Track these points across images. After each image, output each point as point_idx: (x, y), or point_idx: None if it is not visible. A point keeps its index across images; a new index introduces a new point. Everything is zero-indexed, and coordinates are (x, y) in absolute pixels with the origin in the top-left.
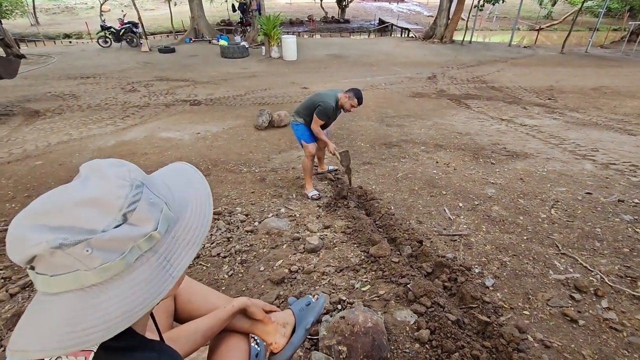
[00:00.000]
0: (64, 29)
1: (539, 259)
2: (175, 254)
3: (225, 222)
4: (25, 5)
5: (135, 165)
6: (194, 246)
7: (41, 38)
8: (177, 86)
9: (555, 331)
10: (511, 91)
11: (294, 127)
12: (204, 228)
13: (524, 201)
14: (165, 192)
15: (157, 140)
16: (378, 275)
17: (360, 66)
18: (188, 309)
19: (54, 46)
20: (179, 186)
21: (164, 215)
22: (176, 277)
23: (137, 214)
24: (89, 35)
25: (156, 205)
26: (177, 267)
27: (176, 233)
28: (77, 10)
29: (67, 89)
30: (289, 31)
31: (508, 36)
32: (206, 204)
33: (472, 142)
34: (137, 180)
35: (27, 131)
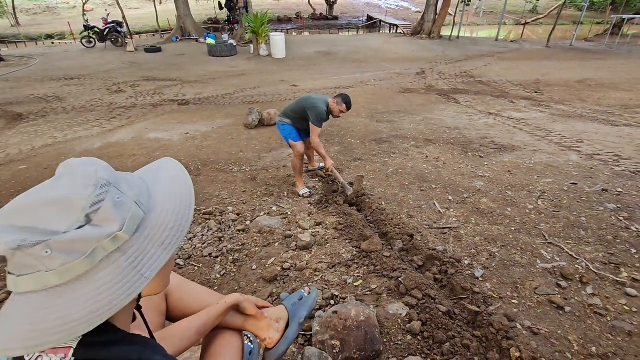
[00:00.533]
0: (45, 30)
1: (527, 249)
2: (148, 253)
3: (217, 221)
4: (5, 5)
5: (106, 163)
6: (169, 246)
7: (22, 39)
8: (165, 86)
9: (543, 318)
10: (498, 85)
11: (280, 127)
12: (182, 227)
13: (512, 193)
14: (139, 190)
15: (145, 141)
16: (370, 270)
17: (349, 63)
18: (180, 308)
19: (36, 47)
20: (160, 184)
21: (133, 215)
22: (149, 277)
23: (100, 214)
24: (72, 36)
25: (123, 205)
26: (150, 267)
27: (150, 232)
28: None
29: (51, 91)
30: (277, 29)
31: (495, 31)
32: (187, 202)
33: (461, 136)
34: (104, 180)
35: (10, 135)
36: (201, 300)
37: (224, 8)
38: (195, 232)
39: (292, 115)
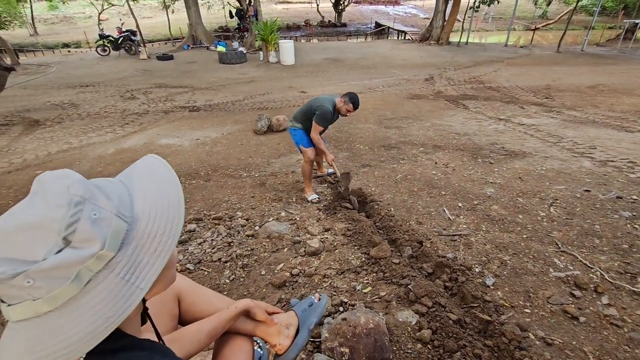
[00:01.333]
0: (62, 39)
1: (539, 257)
2: (141, 264)
3: (226, 227)
4: (24, 15)
5: (80, 175)
6: (162, 252)
7: (40, 48)
8: (176, 93)
9: (557, 328)
10: (508, 91)
11: (291, 132)
12: (174, 230)
13: (523, 200)
14: (119, 200)
15: (156, 146)
16: (379, 277)
17: (357, 69)
18: (191, 312)
19: (53, 56)
20: (144, 187)
21: (114, 229)
22: (145, 288)
23: (78, 235)
24: (87, 44)
25: (102, 221)
26: (145, 278)
27: (139, 242)
28: (75, 19)
29: (67, 98)
30: (286, 36)
31: (504, 36)
32: (175, 203)
33: (470, 142)
34: (77, 196)
35: (27, 141)
36: (212, 305)
37: (235, 16)
38: (204, 237)
39: (302, 118)
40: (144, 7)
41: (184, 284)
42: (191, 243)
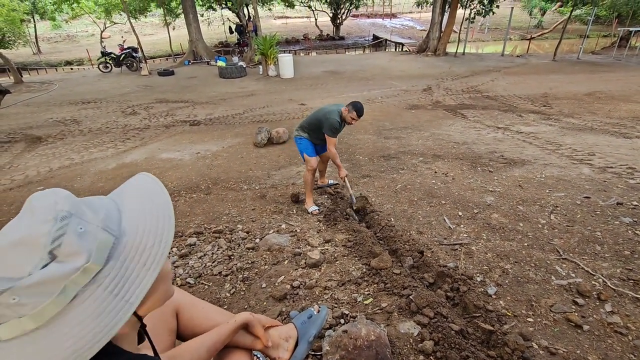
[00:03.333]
0: (65, 57)
1: (541, 265)
2: (130, 278)
3: (227, 240)
4: (27, 35)
5: (68, 192)
6: (152, 265)
7: (43, 66)
8: (177, 107)
9: (560, 337)
10: (506, 100)
11: (297, 140)
12: (164, 244)
13: (523, 208)
14: (106, 214)
15: (157, 161)
16: (380, 288)
17: (356, 81)
18: (190, 327)
19: (56, 73)
20: (133, 202)
21: (100, 243)
22: (135, 303)
23: (64, 248)
24: (89, 62)
25: (88, 235)
26: (134, 292)
27: (128, 255)
28: (77, 38)
29: (69, 115)
30: (286, 50)
31: (500, 46)
32: (165, 216)
33: (469, 151)
34: (63, 212)
35: (29, 157)
36: (212, 319)
37: (234, 32)
38: (205, 251)
39: (308, 128)
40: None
41: (182, 298)
42: (192, 257)
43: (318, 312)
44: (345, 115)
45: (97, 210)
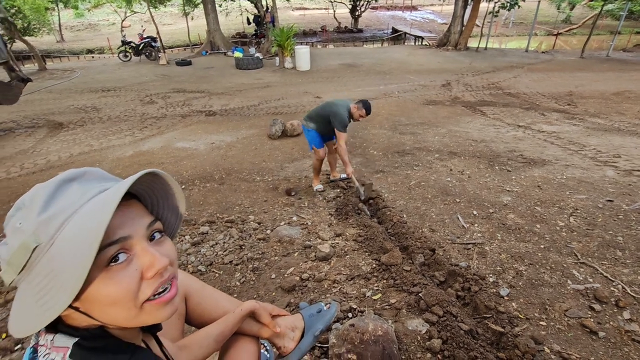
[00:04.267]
0: (87, 45)
1: (557, 268)
2: (54, 287)
3: (238, 230)
4: (52, 23)
5: (57, 179)
6: (69, 284)
7: (66, 54)
8: (193, 97)
9: (574, 343)
10: (528, 97)
11: (305, 131)
12: (79, 272)
13: (541, 209)
14: (52, 216)
15: (173, 150)
16: (389, 284)
17: (373, 75)
18: (198, 311)
19: (78, 61)
20: (89, 212)
21: (22, 245)
22: (52, 314)
23: (6, 234)
24: (110, 50)
25: (19, 233)
26: (54, 302)
27: (51, 267)
28: (99, 26)
29: (89, 102)
30: (303, 42)
31: (525, 42)
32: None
33: (487, 150)
34: (21, 201)
35: (51, 142)
36: (219, 306)
37: (252, 23)
38: (217, 240)
39: (316, 119)
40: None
41: (190, 284)
42: (204, 245)
43: (328, 308)
44: (354, 112)
45: (48, 208)
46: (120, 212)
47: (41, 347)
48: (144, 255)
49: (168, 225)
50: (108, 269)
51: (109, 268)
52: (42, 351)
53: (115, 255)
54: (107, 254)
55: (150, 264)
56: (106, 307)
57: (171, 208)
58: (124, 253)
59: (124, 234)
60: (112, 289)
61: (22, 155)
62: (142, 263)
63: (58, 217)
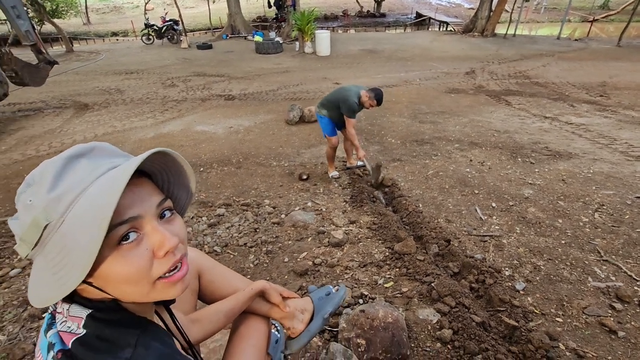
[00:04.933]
0: (112, 28)
1: (577, 264)
2: (67, 263)
3: (254, 213)
4: (79, 5)
5: (65, 155)
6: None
7: (92, 36)
8: (213, 81)
9: (591, 341)
10: (557, 87)
11: (319, 118)
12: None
13: (565, 203)
14: (62, 194)
15: (192, 133)
16: (402, 273)
17: (394, 61)
18: (210, 289)
19: (103, 44)
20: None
21: (34, 221)
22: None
23: (18, 209)
24: (133, 33)
25: (31, 209)
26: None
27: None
28: (124, 9)
29: (113, 84)
30: (323, 26)
31: (557, 28)
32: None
33: (510, 141)
34: (31, 177)
35: (77, 123)
36: (231, 284)
37: (273, 6)
38: (232, 222)
39: (329, 106)
40: None
41: (204, 262)
42: (220, 227)
43: (337, 291)
44: (365, 100)
45: (57, 186)
46: (130, 191)
47: (58, 314)
48: (154, 235)
49: (178, 202)
50: (119, 247)
51: (120, 247)
52: (59, 318)
53: (126, 234)
54: (117, 233)
55: (160, 244)
56: (119, 284)
57: (182, 186)
58: (135, 232)
59: (133, 213)
60: (123, 267)
61: (50, 134)
62: (153, 242)
63: (68, 194)
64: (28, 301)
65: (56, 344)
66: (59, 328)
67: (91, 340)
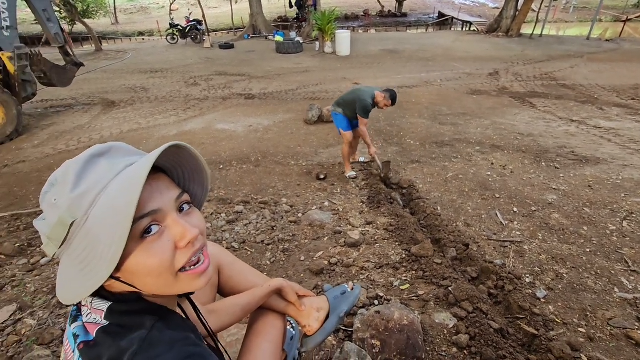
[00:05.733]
0: (138, 27)
1: (603, 274)
2: (93, 259)
3: (271, 211)
4: (108, 6)
5: (87, 154)
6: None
7: (119, 36)
8: (234, 80)
9: (615, 353)
10: (586, 90)
11: (333, 115)
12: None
13: (591, 210)
14: (85, 192)
15: (213, 131)
16: (418, 275)
17: (415, 61)
18: (230, 284)
19: (130, 43)
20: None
21: (60, 219)
22: (95, 283)
23: (43, 210)
24: (159, 33)
25: (56, 208)
26: (95, 273)
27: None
28: (150, 9)
29: (139, 82)
30: (344, 26)
31: (587, 28)
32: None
33: (534, 144)
34: (54, 177)
35: (105, 119)
36: (249, 280)
37: (294, 6)
38: (250, 219)
39: (344, 105)
40: None
41: (224, 257)
42: (238, 223)
43: (352, 290)
44: (380, 100)
45: (80, 185)
46: (148, 185)
47: (84, 307)
48: (175, 227)
49: (194, 197)
50: (143, 240)
51: (143, 240)
52: (84, 310)
53: (148, 227)
54: (140, 227)
55: (182, 235)
56: (145, 277)
57: (197, 182)
58: (156, 225)
59: (154, 207)
60: (147, 259)
61: (79, 130)
62: (174, 234)
63: (90, 192)
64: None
65: (80, 336)
66: (84, 320)
67: (112, 328)
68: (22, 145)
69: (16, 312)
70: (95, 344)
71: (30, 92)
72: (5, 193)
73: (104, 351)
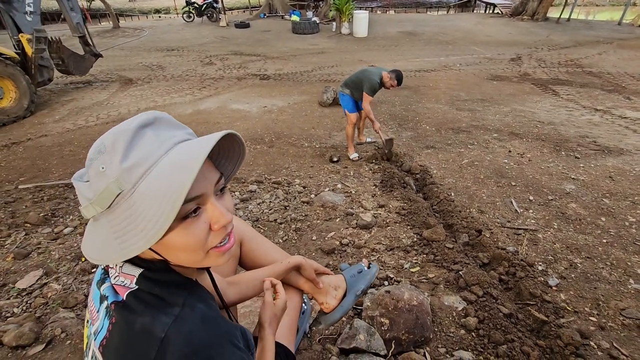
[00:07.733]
0: (155, 5)
1: (619, 265)
2: (132, 230)
3: (284, 191)
4: None
5: (137, 123)
6: (150, 232)
7: (136, 13)
8: (249, 60)
9: (626, 342)
10: (613, 78)
11: (340, 96)
12: (161, 223)
13: (610, 201)
14: (135, 164)
15: (228, 111)
16: (429, 259)
17: (434, 44)
18: (250, 257)
19: (146, 21)
20: (171, 163)
21: (107, 189)
22: (128, 253)
23: (89, 176)
24: (175, 10)
25: (103, 177)
26: (130, 246)
27: (128, 211)
28: None
29: (155, 60)
30: (362, 6)
31: (619, 13)
32: (177, 195)
33: (554, 133)
34: (103, 145)
35: (122, 97)
36: (269, 255)
37: None
38: (263, 198)
39: (351, 86)
40: None
41: (246, 231)
42: (251, 202)
43: (368, 268)
44: (386, 81)
45: (129, 157)
46: None
47: (111, 269)
48: (213, 210)
49: (224, 175)
50: (183, 221)
51: (184, 220)
52: (112, 273)
53: (192, 210)
54: (186, 209)
55: (217, 219)
56: (178, 252)
57: (228, 160)
58: (198, 208)
59: (199, 191)
60: (185, 238)
61: (98, 106)
62: (211, 217)
63: (140, 166)
64: (80, 257)
65: (109, 297)
66: (113, 282)
67: (143, 295)
68: (43, 120)
69: (42, 276)
70: (126, 306)
71: (47, 77)
72: (29, 165)
73: (137, 317)
